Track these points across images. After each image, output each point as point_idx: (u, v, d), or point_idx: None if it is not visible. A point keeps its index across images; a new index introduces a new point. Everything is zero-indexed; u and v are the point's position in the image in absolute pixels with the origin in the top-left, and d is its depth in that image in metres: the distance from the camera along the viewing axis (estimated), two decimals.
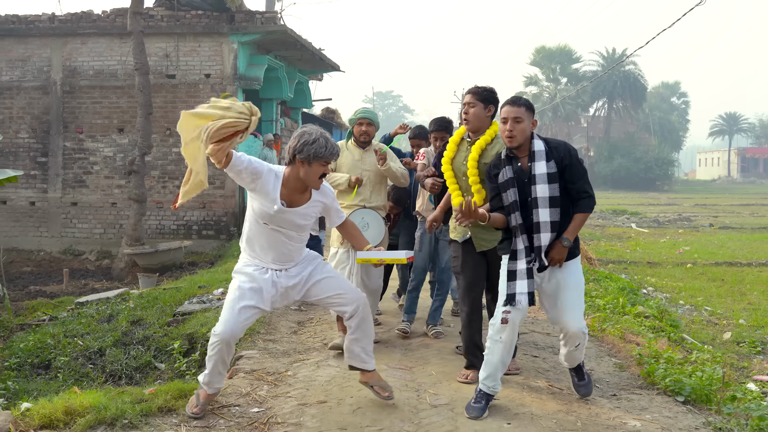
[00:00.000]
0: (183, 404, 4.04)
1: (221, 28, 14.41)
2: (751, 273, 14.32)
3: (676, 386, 4.35)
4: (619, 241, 20.55)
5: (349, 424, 3.85)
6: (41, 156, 15.24)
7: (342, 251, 5.36)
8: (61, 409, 3.81)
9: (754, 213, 32.58)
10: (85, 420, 3.70)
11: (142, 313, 7.00)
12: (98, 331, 6.64)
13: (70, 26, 14.93)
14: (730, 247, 18.77)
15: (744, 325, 9.33)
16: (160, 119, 14.51)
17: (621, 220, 28.24)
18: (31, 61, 15.22)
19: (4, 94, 15.31)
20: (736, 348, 8.20)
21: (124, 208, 14.83)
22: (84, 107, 15.08)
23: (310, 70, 19.22)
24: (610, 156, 57.28)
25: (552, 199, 3.94)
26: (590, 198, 4.04)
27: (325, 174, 3.90)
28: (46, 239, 15.27)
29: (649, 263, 15.81)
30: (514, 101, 4.04)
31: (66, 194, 15.23)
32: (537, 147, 4.00)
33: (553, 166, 3.96)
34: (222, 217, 14.82)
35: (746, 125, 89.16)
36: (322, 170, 3.86)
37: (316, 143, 3.80)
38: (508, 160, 4.08)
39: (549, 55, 61.66)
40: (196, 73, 14.67)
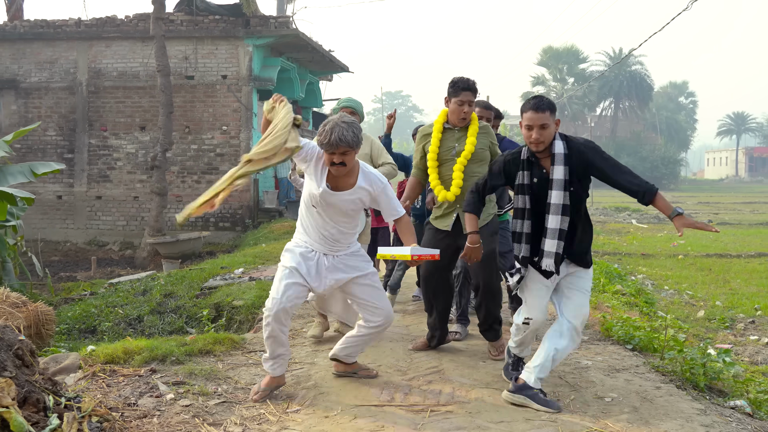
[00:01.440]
0: (219, 348, 4.92)
1: (237, 32, 15.31)
2: (738, 264, 15.06)
3: (627, 337, 5.21)
4: (618, 236, 21.30)
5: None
6: (68, 152, 16.19)
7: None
8: (120, 349, 4.70)
9: (754, 210, 33.13)
10: (141, 357, 4.58)
11: (173, 288, 7.91)
12: (135, 302, 7.55)
13: (96, 30, 15.88)
14: (723, 241, 19.47)
15: (719, 306, 10.12)
16: (180, 118, 15.42)
17: (622, 216, 28.88)
18: (59, 63, 16.17)
19: (33, 94, 16.28)
20: (707, 324, 9.03)
21: (145, 201, 15.75)
22: (108, 106, 16.02)
23: (321, 71, 20.11)
24: (617, 155, 57.63)
25: (564, 207, 3.83)
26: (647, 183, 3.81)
27: (335, 162, 3.89)
28: (72, 231, 16.22)
29: (643, 255, 16.58)
30: (537, 106, 3.80)
31: (91, 188, 16.18)
32: (557, 149, 3.83)
33: (568, 172, 3.81)
34: (237, 210, 15.72)
35: (754, 125, 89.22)
36: (329, 158, 3.90)
37: (322, 133, 3.90)
38: (529, 164, 3.93)
39: (556, 55, 62.24)
40: (214, 74, 15.58)
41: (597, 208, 31.68)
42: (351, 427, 3.59)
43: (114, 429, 3.20)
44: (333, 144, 3.83)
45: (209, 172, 15.76)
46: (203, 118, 15.70)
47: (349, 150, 3.87)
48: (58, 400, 3.19)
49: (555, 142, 3.83)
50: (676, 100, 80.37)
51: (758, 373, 6.48)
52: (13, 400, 2.97)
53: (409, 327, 5.89)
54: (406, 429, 3.57)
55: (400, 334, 5.61)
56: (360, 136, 3.95)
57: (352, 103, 5.59)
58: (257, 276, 8.02)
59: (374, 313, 4.16)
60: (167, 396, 3.94)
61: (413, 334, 5.58)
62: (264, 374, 4.16)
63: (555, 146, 3.82)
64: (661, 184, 57.05)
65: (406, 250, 3.92)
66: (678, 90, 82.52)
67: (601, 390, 4.19)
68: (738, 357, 7.29)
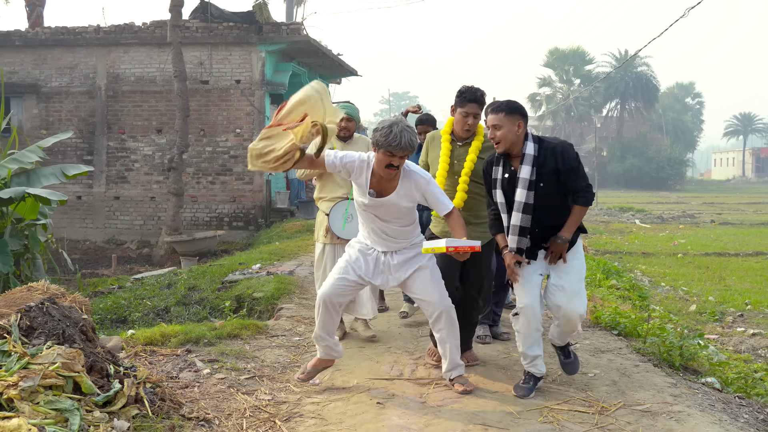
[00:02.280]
0: (245, 333, 5.48)
1: (250, 38, 15.88)
2: (736, 262, 15.52)
3: (614, 323, 5.75)
4: (620, 235, 21.75)
5: (367, 345, 5.29)
6: (87, 154, 16.80)
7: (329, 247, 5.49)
8: (158, 333, 5.26)
9: (758, 210, 33.42)
10: (177, 339, 5.15)
11: (195, 282, 8.49)
12: (161, 295, 8.13)
13: (114, 37, 16.48)
14: (723, 240, 19.91)
15: (711, 301, 10.62)
16: (195, 121, 16.01)
17: (626, 216, 29.26)
18: (79, 68, 16.79)
19: (54, 99, 16.90)
20: (698, 317, 9.55)
21: (161, 201, 16.35)
22: (126, 110, 16.63)
23: (330, 75, 20.68)
24: (623, 156, 58.14)
25: (526, 205, 4.01)
26: (588, 191, 4.04)
27: (392, 164, 3.95)
28: (91, 230, 16.83)
29: (643, 253, 17.05)
30: (493, 108, 4.08)
31: (109, 189, 16.79)
32: (527, 150, 4.03)
33: (534, 173, 3.99)
34: (251, 209, 16.29)
35: (761, 125, 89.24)
36: (387, 160, 3.93)
37: (381, 131, 3.93)
38: (500, 161, 4.15)
39: (562, 56, 62.59)
40: (228, 79, 16.16)
41: (601, 209, 32.11)
42: (365, 396, 4.14)
43: (164, 394, 3.75)
44: (403, 147, 3.89)
45: (223, 173, 16.34)
46: (218, 122, 16.28)
47: (408, 154, 3.98)
48: (117, 369, 3.76)
49: (527, 143, 4.03)
50: (683, 101, 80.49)
51: (740, 360, 7.01)
52: (82, 367, 3.53)
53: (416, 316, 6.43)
54: (413, 398, 4.11)
55: (407, 322, 6.17)
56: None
57: (349, 110, 5.62)
58: (274, 271, 8.56)
59: (428, 308, 4.21)
60: (204, 371, 4.50)
61: (419, 320, 6.12)
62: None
63: (526, 147, 4.02)
64: (667, 184, 57.35)
65: (442, 242, 3.88)
66: (684, 91, 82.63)
67: (586, 367, 4.72)
68: (723, 346, 7.81)
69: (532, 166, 3.98)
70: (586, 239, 18.79)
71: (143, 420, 3.44)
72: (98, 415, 3.36)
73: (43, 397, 3.32)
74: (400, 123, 3.94)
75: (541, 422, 3.75)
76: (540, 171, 3.99)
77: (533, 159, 3.99)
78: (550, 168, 3.98)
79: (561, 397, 4.14)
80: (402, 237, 4.23)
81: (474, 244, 3.88)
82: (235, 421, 3.72)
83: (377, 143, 3.93)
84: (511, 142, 4.01)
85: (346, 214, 5.37)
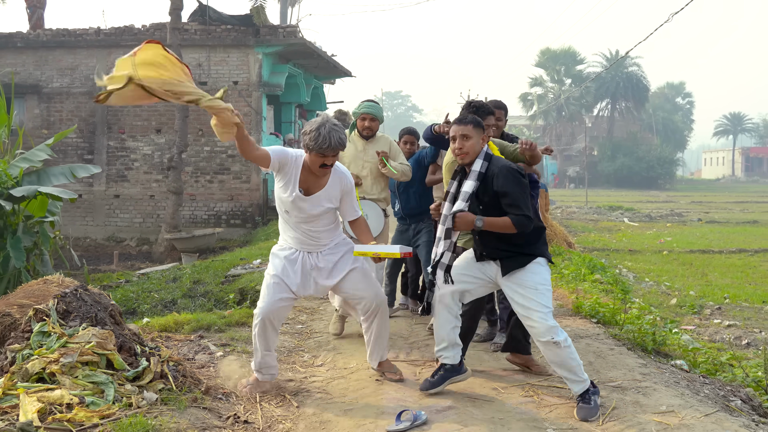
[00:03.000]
0: (251, 321, 5.88)
1: (248, 40, 16.29)
2: (719, 259, 16.03)
3: (593, 312, 6.21)
4: (608, 233, 22.24)
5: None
6: (88, 154, 17.18)
7: None
8: (171, 321, 5.69)
9: (744, 209, 34.01)
10: (190, 326, 5.58)
11: (200, 276, 8.91)
12: (168, 288, 8.55)
13: (114, 39, 16.86)
14: (708, 238, 20.43)
15: (692, 296, 11.10)
16: (194, 121, 16.39)
17: (615, 215, 29.75)
18: (79, 69, 17.16)
19: (55, 99, 17.27)
20: (678, 310, 10.03)
21: (161, 200, 16.74)
22: (126, 110, 17.00)
23: (325, 76, 21.11)
24: (613, 155, 58.76)
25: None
26: (525, 218, 3.98)
27: (325, 164, 3.99)
28: (91, 227, 17.21)
29: (630, 251, 17.53)
30: (460, 120, 4.17)
31: (109, 188, 17.17)
32: (475, 167, 4.08)
33: (474, 186, 4.06)
34: (248, 208, 16.70)
35: (750, 125, 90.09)
36: (320, 160, 3.96)
37: (311, 134, 3.92)
38: (457, 174, 4.25)
39: (554, 57, 63.19)
40: (226, 80, 16.56)
41: (590, 207, 32.62)
42: (365, 374, 4.58)
43: (186, 371, 4.18)
44: (334, 147, 3.92)
45: (221, 172, 16.74)
46: None
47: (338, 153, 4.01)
48: (143, 349, 4.19)
49: (476, 160, 4.08)
50: (673, 101, 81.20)
51: (714, 348, 7.47)
52: (113, 346, 3.96)
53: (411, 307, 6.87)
54: (408, 377, 4.55)
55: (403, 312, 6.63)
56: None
57: (373, 110, 5.50)
58: None
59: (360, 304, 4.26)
60: (217, 353, 4.93)
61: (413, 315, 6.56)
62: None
63: (475, 164, 4.08)
64: (657, 184, 58.01)
65: (395, 249, 4.03)
66: (675, 90, 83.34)
67: None
68: (699, 336, 8.27)
69: (476, 181, 4.04)
70: (574, 236, 19.31)
71: (168, 393, 3.87)
72: (129, 388, 3.79)
73: (81, 372, 3.74)
74: (327, 123, 3.94)
75: (523, 396, 4.20)
76: (483, 189, 4.06)
77: (478, 175, 4.05)
78: (490, 188, 4.03)
79: (540, 377, 4.59)
80: (326, 237, 4.23)
81: (407, 250, 4.09)
82: (250, 395, 4.15)
83: (308, 146, 3.94)
84: (475, 153, 4.09)
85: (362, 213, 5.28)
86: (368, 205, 5.52)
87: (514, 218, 3.95)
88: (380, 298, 4.28)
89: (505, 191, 3.98)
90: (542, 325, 3.92)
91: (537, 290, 3.98)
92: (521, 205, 3.97)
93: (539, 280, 4.01)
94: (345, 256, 4.24)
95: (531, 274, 4.00)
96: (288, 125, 19.06)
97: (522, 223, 3.95)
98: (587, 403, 3.89)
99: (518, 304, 4.02)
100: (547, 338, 3.90)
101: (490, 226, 3.98)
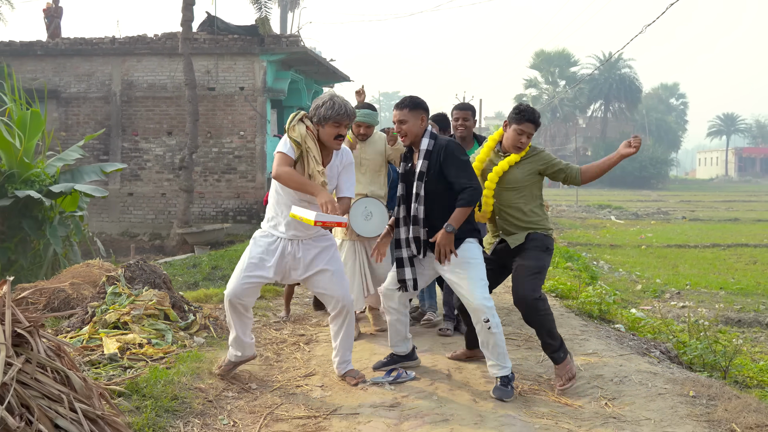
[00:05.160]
0: (268, 295, 7.10)
1: (253, 49, 17.47)
2: (693, 253, 17.19)
3: (553, 288, 7.41)
4: (594, 230, 23.42)
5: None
6: (103, 155, 18.35)
7: (349, 243, 5.51)
8: (202, 294, 6.88)
9: (730, 208, 35.10)
10: (217, 298, 6.76)
11: (217, 263, 10.09)
12: (189, 273, 9.72)
13: (128, 47, 18.04)
14: (687, 234, 21.57)
15: (658, 283, 12.30)
16: (203, 124, 17.57)
17: (603, 213, 30.88)
18: (95, 76, 18.34)
19: (73, 103, 18.45)
20: (641, 294, 11.23)
21: (172, 197, 17.92)
22: (139, 114, 18.19)
23: (325, 80, 22.33)
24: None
25: (419, 196, 4.25)
26: (472, 189, 4.13)
27: (341, 135, 4.02)
28: (107, 223, 18.39)
29: (611, 246, 18.71)
30: (398, 105, 4.34)
31: (124, 186, 18.35)
32: (423, 146, 4.28)
33: (426, 165, 4.24)
34: (253, 205, 17.89)
35: (743, 126, 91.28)
36: (335, 131, 4.00)
37: (324, 105, 3.98)
38: (405, 157, 4.47)
39: (548, 58, 64.51)
40: (232, 86, 17.75)
41: (580, 206, 33.80)
42: (366, 341, 5.73)
43: (222, 325, 5.37)
44: (350, 114, 4.00)
45: (228, 172, 17.92)
46: (223, 125, 17.86)
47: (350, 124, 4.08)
48: (189, 307, 5.39)
49: (423, 139, 4.30)
50: (667, 102, 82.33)
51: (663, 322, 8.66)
52: (168, 304, 5.15)
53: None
54: None
55: None
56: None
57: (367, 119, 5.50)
58: None
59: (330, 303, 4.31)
60: None
61: None
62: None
63: (422, 143, 4.29)
64: (650, 183, 59.12)
65: (311, 215, 3.75)
66: (669, 92, 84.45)
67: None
68: (654, 314, 9.46)
69: (425, 159, 4.26)
70: (560, 233, 20.53)
71: (211, 339, 5.07)
72: (182, 334, 4.99)
73: (147, 322, 4.94)
74: (332, 94, 4.06)
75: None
76: (429, 165, 4.27)
77: (426, 153, 4.27)
78: (436, 161, 4.24)
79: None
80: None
81: (341, 220, 3.84)
82: (273, 346, 5.34)
83: (325, 117, 3.97)
84: (415, 134, 4.29)
85: (366, 211, 5.37)
86: (372, 203, 5.45)
87: (463, 196, 4.14)
88: (347, 300, 4.30)
89: (452, 162, 4.20)
90: (476, 296, 4.12)
91: (469, 264, 4.20)
92: (467, 175, 4.19)
93: (470, 255, 4.23)
94: (323, 253, 4.25)
95: (462, 251, 4.22)
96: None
97: (472, 197, 4.15)
98: (505, 386, 4.15)
99: (454, 282, 4.24)
100: (481, 316, 4.10)
101: (457, 222, 4.15)
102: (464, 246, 4.23)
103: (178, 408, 3.72)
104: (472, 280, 4.15)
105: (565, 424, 3.69)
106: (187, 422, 3.62)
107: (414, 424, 3.70)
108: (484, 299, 4.10)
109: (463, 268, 4.18)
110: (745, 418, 3.62)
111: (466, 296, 4.15)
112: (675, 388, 4.17)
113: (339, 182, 4.26)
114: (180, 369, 4.20)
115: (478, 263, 4.22)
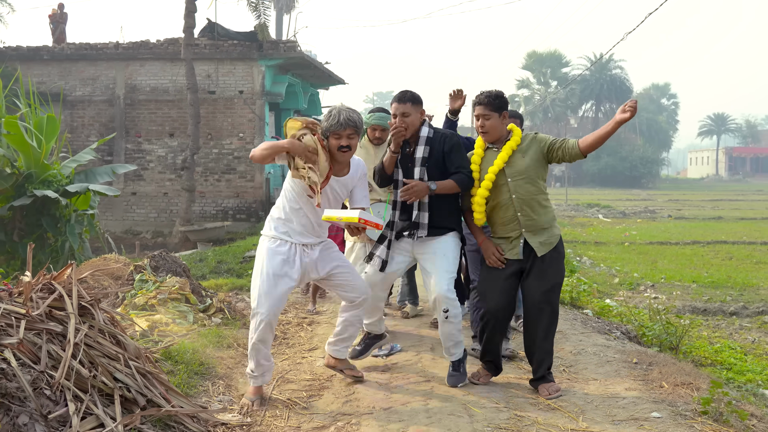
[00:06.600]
0: None
1: (252, 54, 18.22)
2: (673, 249, 17.96)
3: None
4: (581, 228, 24.18)
5: None
6: (107, 156, 19.06)
7: (360, 245, 5.44)
8: (213, 283, 7.64)
9: (716, 207, 35.76)
10: (227, 286, 7.53)
11: (221, 257, 10.84)
12: (197, 266, 10.46)
13: (132, 52, 18.76)
14: (670, 232, 22.32)
15: (636, 276, 13.08)
16: (204, 126, 18.30)
17: (591, 212, 31.58)
18: (100, 80, 19.05)
19: (78, 106, 19.16)
20: (618, 286, 12.01)
21: (173, 197, 18.65)
22: (142, 117, 18.92)
23: (321, 84, 23.10)
24: (597, 155, 60.33)
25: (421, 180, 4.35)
26: (469, 177, 4.34)
27: (344, 146, 4.03)
28: (111, 221, 19.09)
29: (596, 243, 19.47)
30: (399, 98, 4.41)
31: (127, 186, 19.06)
32: (423, 133, 4.43)
33: (428, 151, 4.38)
34: (252, 204, 18.64)
35: (734, 126, 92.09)
36: (337, 142, 4.02)
37: (326, 117, 4.07)
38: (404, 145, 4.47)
39: (540, 59, 65.27)
40: (232, 89, 18.50)
41: (569, 205, 34.53)
42: None
43: (236, 308, 6.13)
44: (342, 124, 3.98)
45: (228, 172, 18.66)
46: (223, 127, 18.60)
47: (354, 133, 4.05)
48: (206, 293, 6.14)
49: (422, 128, 4.45)
50: (658, 102, 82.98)
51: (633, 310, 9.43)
52: (188, 289, 5.90)
53: None
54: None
55: None
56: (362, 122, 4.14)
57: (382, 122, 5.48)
58: None
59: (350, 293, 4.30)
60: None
61: None
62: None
63: (422, 131, 4.44)
64: (641, 183, 59.90)
65: (354, 213, 3.87)
66: (660, 92, 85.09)
67: None
68: (626, 304, 10.24)
69: (426, 145, 4.41)
70: None
71: (227, 320, 5.82)
72: (201, 316, 5.74)
73: (171, 304, 5.69)
74: (338, 107, 4.12)
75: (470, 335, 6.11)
76: (430, 151, 4.41)
77: (426, 140, 4.42)
78: (438, 149, 4.40)
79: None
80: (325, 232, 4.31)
81: (380, 221, 4.02)
82: (280, 326, 6.08)
83: (327, 129, 4.04)
84: (415, 127, 4.41)
85: (379, 216, 5.23)
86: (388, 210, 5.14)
87: (458, 177, 4.33)
88: (368, 291, 4.36)
89: (458, 153, 4.39)
90: (442, 287, 4.25)
91: (445, 256, 4.34)
92: (466, 165, 4.38)
93: (448, 248, 4.39)
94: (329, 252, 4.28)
95: (442, 243, 4.39)
96: None
97: (465, 182, 4.33)
98: (457, 371, 4.43)
99: (426, 270, 4.40)
100: (442, 306, 4.25)
101: (442, 188, 4.29)
102: (446, 238, 4.40)
103: (205, 372, 4.48)
104: (441, 272, 4.29)
105: (526, 383, 4.45)
106: (214, 383, 4.38)
107: (402, 382, 4.47)
108: (448, 291, 4.24)
109: (438, 258, 4.33)
110: (675, 379, 4.39)
111: (433, 285, 4.29)
112: (622, 357, 4.95)
113: (353, 193, 4.28)
114: (204, 342, 4.96)
115: (452, 258, 4.36)
